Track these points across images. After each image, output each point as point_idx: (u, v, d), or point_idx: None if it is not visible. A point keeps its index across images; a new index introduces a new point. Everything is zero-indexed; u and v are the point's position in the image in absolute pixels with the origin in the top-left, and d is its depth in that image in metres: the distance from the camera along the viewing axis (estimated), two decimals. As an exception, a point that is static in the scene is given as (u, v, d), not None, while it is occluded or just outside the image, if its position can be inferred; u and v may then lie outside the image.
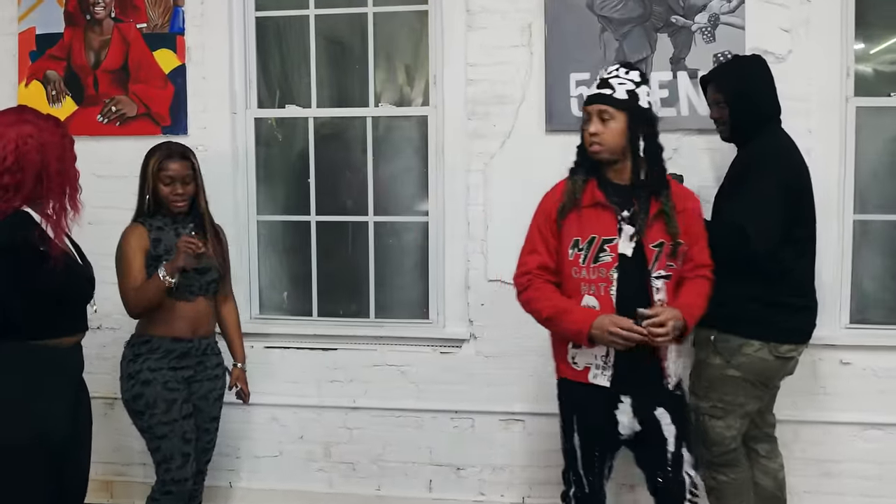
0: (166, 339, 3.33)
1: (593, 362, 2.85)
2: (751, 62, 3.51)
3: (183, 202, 3.35)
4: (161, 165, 3.32)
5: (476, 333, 4.15)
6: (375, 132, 4.32)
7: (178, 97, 4.27)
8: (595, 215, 2.86)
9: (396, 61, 4.41)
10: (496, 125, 4.05)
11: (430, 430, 4.23)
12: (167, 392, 3.29)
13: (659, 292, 2.83)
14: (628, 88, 2.83)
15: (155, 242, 3.32)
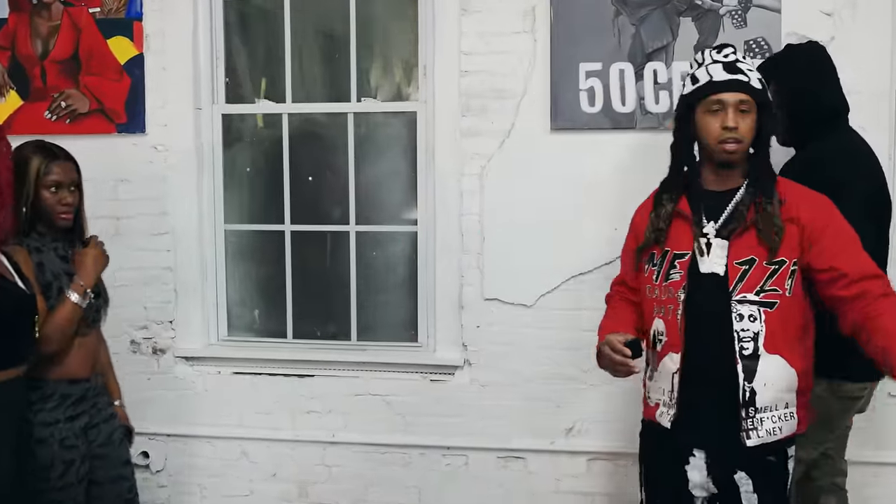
0: (62, 382, 2.74)
1: (661, 398, 2.48)
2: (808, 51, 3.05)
3: (70, 214, 2.80)
4: (47, 168, 2.74)
5: (471, 359, 3.73)
6: (358, 131, 3.90)
7: (136, 91, 3.85)
8: (675, 226, 2.48)
9: (382, 51, 3.99)
10: (494, 123, 3.63)
11: (418, 469, 3.83)
12: (65, 451, 2.70)
13: (743, 320, 2.35)
14: (759, 77, 2.42)
15: (39, 268, 2.72)
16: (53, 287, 2.70)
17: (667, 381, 2.44)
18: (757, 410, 2.35)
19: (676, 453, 2.46)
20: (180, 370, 3.91)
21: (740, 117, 2.37)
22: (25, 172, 2.72)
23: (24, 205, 2.72)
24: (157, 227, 3.87)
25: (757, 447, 2.36)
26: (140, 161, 3.86)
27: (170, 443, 3.95)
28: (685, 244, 2.43)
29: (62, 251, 2.80)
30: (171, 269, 3.88)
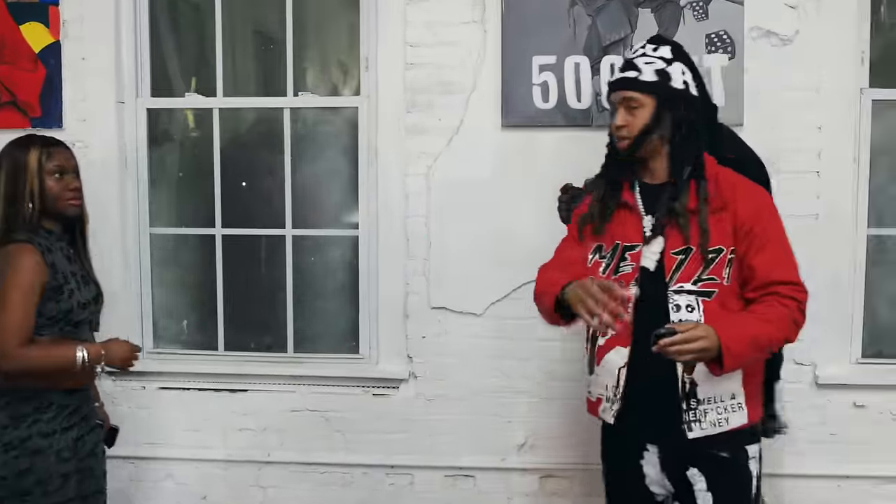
0: (58, 392, 2.56)
1: (604, 393, 2.42)
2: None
3: (78, 200, 2.64)
4: (48, 155, 2.58)
5: (416, 372, 3.52)
6: (295, 127, 3.67)
7: (51, 82, 3.56)
8: (621, 219, 2.42)
9: (320, 41, 3.75)
10: (441, 119, 3.43)
11: (360, 489, 3.61)
12: (61, 464, 2.54)
13: (680, 311, 2.29)
14: (657, 68, 2.36)
15: (53, 270, 2.53)
16: (65, 290, 2.54)
17: (610, 376, 2.37)
18: (699, 402, 2.30)
19: (632, 449, 2.42)
20: (101, 385, 3.60)
21: (629, 114, 2.36)
22: (24, 165, 2.55)
23: (30, 199, 2.54)
24: (75, 229, 3.58)
25: (705, 441, 2.30)
26: (57, 158, 3.57)
27: (89, 464, 3.66)
28: (634, 236, 2.38)
29: (66, 251, 2.63)
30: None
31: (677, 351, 2.12)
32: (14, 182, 2.55)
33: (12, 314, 2.44)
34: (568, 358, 3.37)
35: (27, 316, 2.46)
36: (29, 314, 2.47)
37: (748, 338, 2.21)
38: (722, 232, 2.30)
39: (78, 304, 2.56)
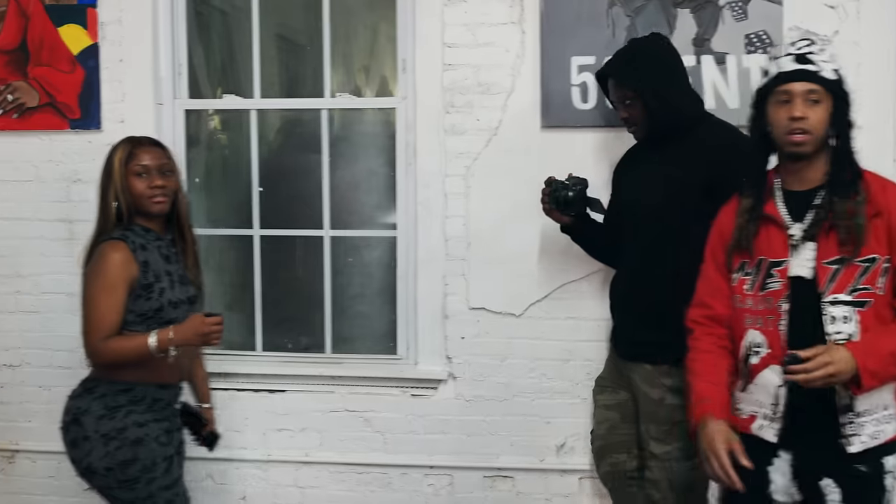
0: (151, 386, 2.66)
1: (759, 411, 2.38)
2: (649, 43, 2.99)
3: (164, 198, 2.68)
4: (131, 154, 2.67)
5: (455, 373, 3.51)
6: (332, 128, 3.66)
7: (90, 84, 3.56)
8: (765, 233, 2.37)
9: (358, 43, 3.76)
10: (480, 120, 3.41)
11: (399, 490, 3.60)
12: (162, 448, 2.65)
13: (836, 323, 2.25)
14: (834, 67, 2.32)
15: (144, 267, 2.60)
16: (155, 289, 2.60)
17: (766, 394, 2.34)
18: (858, 415, 2.26)
19: (760, 454, 2.34)
20: (140, 386, 3.64)
21: (809, 108, 2.27)
22: (111, 165, 2.68)
23: (115, 198, 2.64)
24: (114, 231, 3.59)
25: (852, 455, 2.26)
26: (95, 160, 3.50)
27: (128, 464, 3.67)
28: (780, 251, 2.33)
29: (165, 250, 2.69)
30: (129, 276, 3.60)
31: (804, 379, 2.13)
32: (105, 181, 2.67)
33: (95, 310, 2.53)
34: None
35: (110, 311, 2.52)
36: (112, 310, 2.53)
37: (888, 354, 2.20)
38: (876, 239, 2.26)
39: (169, 302, 2.60)
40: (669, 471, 2.89)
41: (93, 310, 2.54)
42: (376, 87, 3.78)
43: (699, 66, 3.26)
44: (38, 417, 3.70)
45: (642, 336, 2.91)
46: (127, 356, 2.55)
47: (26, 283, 3.66)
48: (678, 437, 2.85)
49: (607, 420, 3.11)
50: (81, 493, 3.66)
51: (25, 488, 3.74)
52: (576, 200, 2.97)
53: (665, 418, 2.88)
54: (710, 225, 2.58)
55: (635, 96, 2.87)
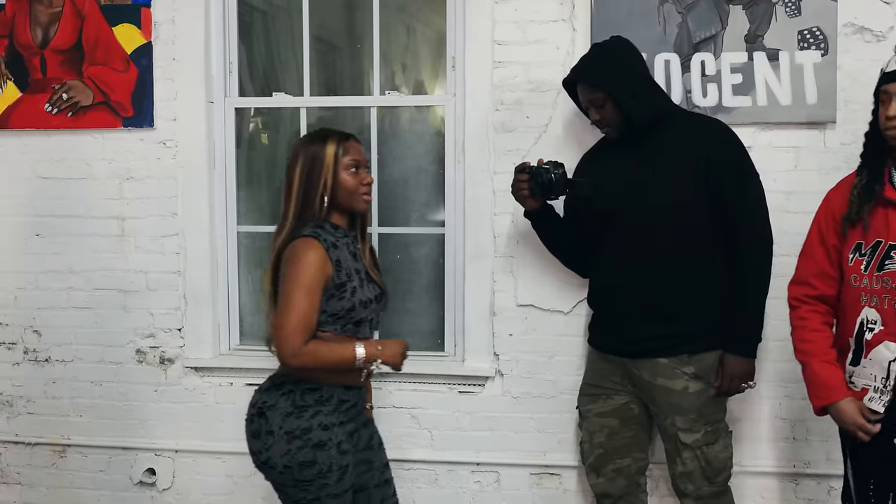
0: (338, 387, 2.55)
1: (872, 384, 2.52)
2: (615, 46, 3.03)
3: (370, 196, 2.63)
4: (344, 149, 2.56)
5: (503, 370, 3.50)
6: (381, 126, 3.66)
7: (143, 82, 3.59)
8: (883, 216, 2.50)
9: (407, 40, 3.76)
10: (529, 117, 3.40)
11: (445, 486, 3.59)
12: (341, 456, 2.53)
13: None
14: None
15: (337, 266, 2.50)
16: (347, 288, 2.50)
17: (880, 369, 2.48)
18: None
19: (884, 427, 2.49)
20: (189, 381, 3.66)
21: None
22: (321, 159, 2.53)
23: (323, 193, 2.53)
24: (165, 228, 3.62)
25: None
26: (147, 158, 3.62)
27: (178, 459, 3.70)
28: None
29: (352, 247, 2.59)
30: (179, 273, 3.63)
31: None
32: (309, 175, 2.53)
33: (296, 312, 2.41)
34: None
35: (310, 313, 2.43)
36: (312, 311, 2.44)
37: None
38: None
39: (360, 302, 2.52)
40: (702, 458, 2.92)
41: (294, 310, 2.41)
42: (421, 85, 3.78)
43: (751, 63, 3.24)
44: (88, 412, 3.74)
45: (653, 331, 2.90)
46: (329, 363, 2.47)
47: (79, 279, 3.70)
48: (706, 422, 2.92)
49: (605, 427, 3.09)
50: (132, 487, 3.72)
51: (76, 482, 3.78)
52: (558, 183, 2.95)
53: (690, 407, 2.90)
54: (702, 209, 2.81)
55: (606, 97, 2.88)
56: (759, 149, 3.26)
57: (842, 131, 3.22)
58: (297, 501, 2.53)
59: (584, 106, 3.00)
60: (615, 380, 3.05)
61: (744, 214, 2.86)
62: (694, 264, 2.87)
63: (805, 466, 3.36)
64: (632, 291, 2.92)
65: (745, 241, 2.86)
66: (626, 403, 3.06)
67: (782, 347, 3.29)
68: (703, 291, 2.88)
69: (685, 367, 2.89)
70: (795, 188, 3.26)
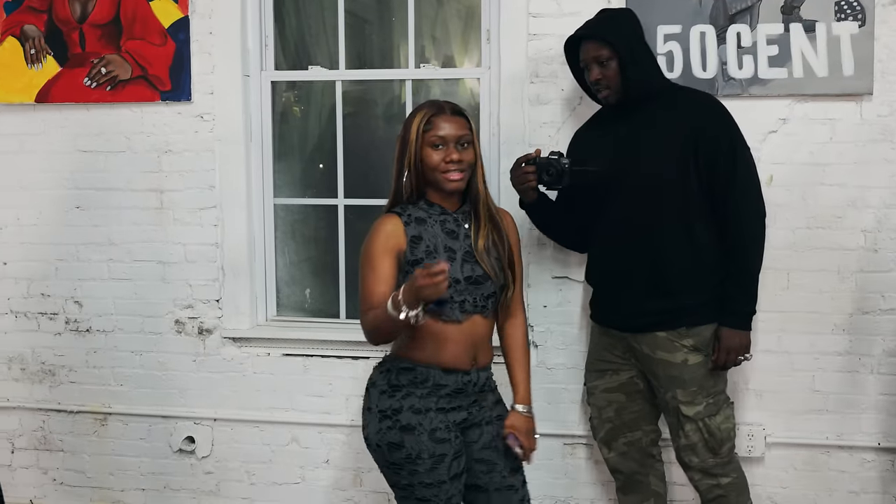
0: (435, 368, 2.44)
1: None
2: (625, 12, 3.08)
3: (459, 174, 2.44)
4: (428, 123, 2.43)
5: (537, 341, 3.52)
6: (416, 99, 3.66)
7: (180, 56, 3.62)
8: None
9: (437, 13, 3.76)
10: (564, 90, 3.41)
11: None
12: (435, 444, 2.42)
13: None
14: None
15: (413, 242, 2.43)
16: (423, 265, 2.29)
17: None
18: None
19: None
20: (227, 352, 3.72)
21: None
22: (408, 134, 2.45)
23: (408, 167, 2.45)
24: (203, 201, 3.67)
25: None
26: (185, 131, 3.66)
27: (216, 427, 3.77)
28: None
29: (452, 224, 2.48)
30: (217, 245, 3.68)
31: None
32: (400, 152, 2.47)
33: (362, 287, 2.43)
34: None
35: (374, 284, 2.38)
36: (376, 282, 2.38)
37: None
38: None
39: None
40: (704, 430, 2.92)
41: (362, 287, 2.43)
42: (450, 59, 3.79)
43: (787, 34, 3.21)
44: (129, 381, 3.81)
45: (654, 306, 2.90)
46: (377, 324, 2.33)
47: (118, 251, 3.76)
48: (707, 394, 2.91)
49: (612, 402, 3.10)
50: (171, 454, 3.79)
51: (117, 449, 3.86)
52: (568, 173, 2.88)
53: (691, 379, 2.91)
54: (695, 183, 2.82)
55: (612, 56, 2.86)
56: (795, 121, 3.26)
57: (878, 103, 3.21)
58: (394, 484, 2.49)
59: (586, 64, 2.94)
60: (618, 353, 3.06)
61: (736, 187, 2.85)
62: (688, 237, 2.87)
63: (838, 438, 3.36)
64: (629, 266, 2.92)
65: (737, 215, 2.86)
66: (631, 378, 3.07)
67: (817, 319, 3.32)
68: (698, 264, 2.88)
69: (684, 340, 2.90)
70: (832, 160, 3.25)
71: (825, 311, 3.32)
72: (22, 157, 3.78)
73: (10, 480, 3.92)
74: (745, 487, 3.04)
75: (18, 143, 3.78)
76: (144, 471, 3.84)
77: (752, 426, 3.38)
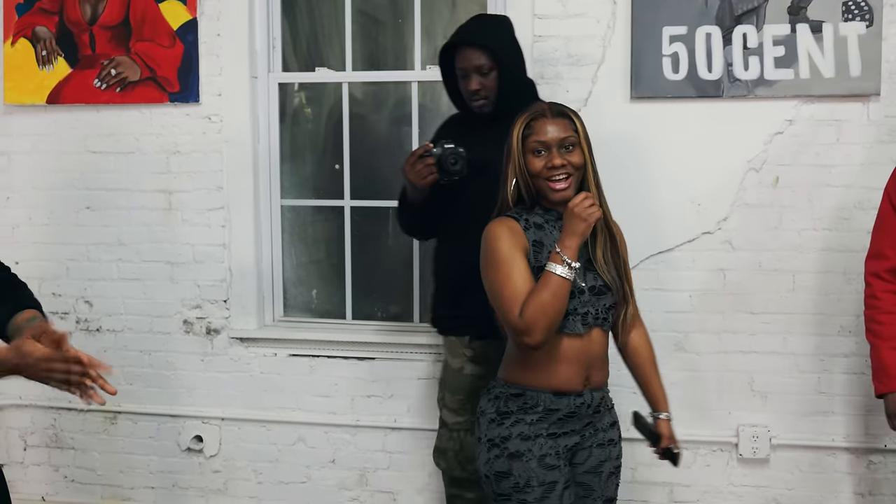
0: (546, 393, 2.27)
1: None
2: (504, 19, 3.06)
3: (566, 182, 2.24)
4: (529, 127, 2.26)
5: (543, 342, 3.47)
6: (422, 100, 3.68)
7: (189, 58, 3.64)
8: None
9: (451, 15, 3.77)
10: (569, 91, 3.40)
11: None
12: (545, 471, 2.26)
13: None
14: None
15: (535, 247, 2.25)
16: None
17: None
18: None
19: None
20: (235, 352, 3.75)
21: None
22: (511, 142, 2.29)
23: (514, 175, 2.28)
24: (211, 202, 3.69)
25: None
26: (193, 132, 3.68)
27: (224, 427, 3.79)
28: None
29: None
30: (225, 245, 3.70)
31: None
32: (506, 159, 2.31)
33: (504, 289, 2.18)
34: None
35: (520, 281, 2.17)
36: (520, 278, 2.17)
37: None
38: None
39: None
40: (457, 441, 2.98)
41: (502, 291, 2.19)
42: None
43: (794, 35, 3.20)
44: (138, 381, 3.84)
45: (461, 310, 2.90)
46: (546, 301, 2.11)
47: (128, 251, 3.79)
48: (471, 410, 2.83)
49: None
50: (180, 453, 3.82)
51: (127, 448, 3.89)
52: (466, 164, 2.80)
53: (461, 387, 2.96)
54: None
55: (493, 66, 2.82)
56: (801, 122, 3.25)
57: (886, 104, 3.19)
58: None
59: (465, 73, 2.85)
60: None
61: None
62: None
63: (844, 440, 3.35)
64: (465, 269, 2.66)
65: None
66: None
67: (823, 321, 3.30)
68: None
69: (465, 349, 2.94)
70: (838, 162, 3.24)
71: (831, 312, 3.30)
72: (34, 157, 3.82)
73: (23, 477, 3.96)
74: None
75: (30, 144, 3.82)
76: (153, 469, 3.87)
77: (756, 427, 3.37)
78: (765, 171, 3.29)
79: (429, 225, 3.05)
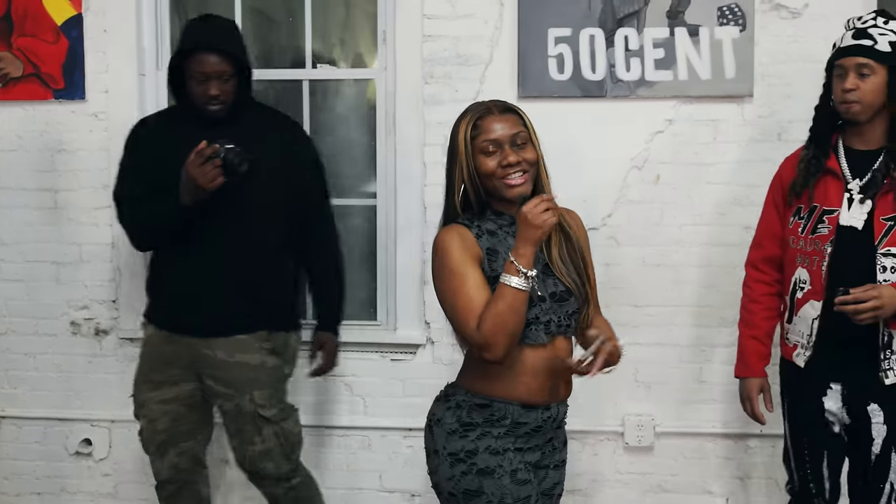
0: (514, 405, 2.14)
1: (799, 340, 2.71)
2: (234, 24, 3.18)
3: (522, 177, 2.12)
4: (476, 127, 2.15)
5: (434, 337, 3.57)
6: (313, 99, 3.70)
7: (74, 54, 3.58)
8: (823, 184, 2.65)
9: (346, 14, 3.79)
10: (458, 90, 3.47)
11: (379, 452, 3.68)
12: (518, 487, 2.13)
13: (885, 272, 2.53)
14: (891, 40, 2.56)
15: (490, 254, 2.14)
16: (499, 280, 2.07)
17: (805, 326, 2.65)
18: (894, 353, 2.56)
19: (815, 387, 2.67)
20: (124, 352, 3.68)
21: (860, 80, 2.54)
22: (455, 141, 2.17)
23: (462, 181, 2.16)
24: (98, 200, 3.61)
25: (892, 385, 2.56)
26: (79, 130, 3.61)
27: (114, 429, 3.73)
28: (834, 201, 2.60)
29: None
30: (113, 245, 3.64)
31: (853, 310, 2.43)
32: (449, 164, 2.20)
33: (457, 300, 2.08)
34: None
35: (473, 291, 2.06)
36: (473, 289, 2.06)
37: None
38: None
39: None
40: (280, 433, 3.04)
41: (455, 302, 2.09)
42: (352, 59, 3.82)
43: (673, 38, 3.34)
44: (23, 384, 3.74)
45: (238, 308, 2.95)
46: (503, 314, 2.01)
47: (10, 251, 3.69)
48: (281, 398, 3.08)
49: (168, 413, 3.07)
50: (68, 457, 3.74)
51: (12, 453, 3.79)
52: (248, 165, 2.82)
53: (267, 381, 3.03)
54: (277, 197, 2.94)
55: (233, 73, 2.89)
56: (680, 122, 3.38)
57: (759, 104, 3.35)
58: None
59: (204, 77, 2.84)
60: (183, 364, 3.02)
61: (321, 207, 3.11)
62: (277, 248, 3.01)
63: (724, 427, 3.49)
64: (226, 270, 2.92)
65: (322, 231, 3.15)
66: (192, 390, 3.06)
67: (702, 313, 3.44)
68: (281, 274, 3.06)
69: (263, 343, 3.01)
70: (715, 160, 3.39)
71: (712, 304, 3.44)
72: None
73: None
74: (312, 480, 3.22)
75: None
76: (40, 474, 3.78)
77: (641, 416, 3.49)
78: (647, 169, 3.41)
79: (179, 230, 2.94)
